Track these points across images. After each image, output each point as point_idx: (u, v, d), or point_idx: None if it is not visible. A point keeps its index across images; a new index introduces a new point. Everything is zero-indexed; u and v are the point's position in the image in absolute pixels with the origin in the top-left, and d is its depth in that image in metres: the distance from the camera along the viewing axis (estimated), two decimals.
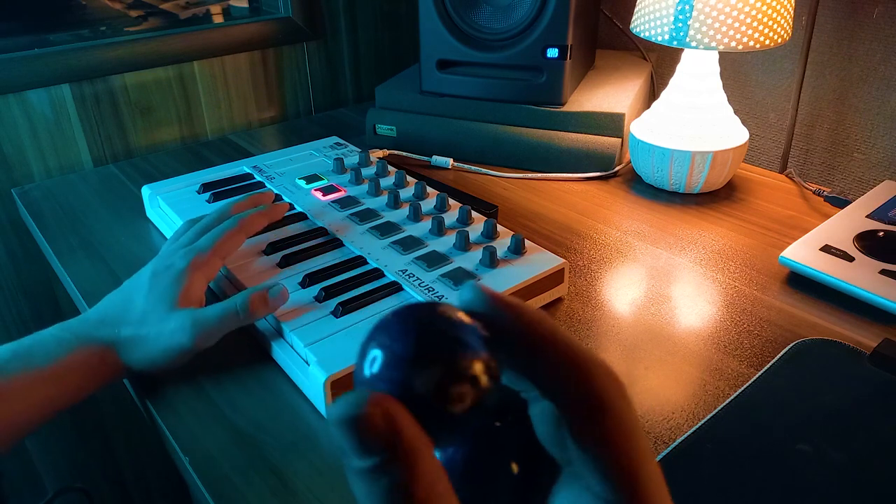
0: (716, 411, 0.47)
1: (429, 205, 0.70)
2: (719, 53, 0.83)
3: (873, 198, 0.73)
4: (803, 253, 0.64)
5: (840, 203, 0.76)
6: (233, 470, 0.45)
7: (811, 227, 0.69)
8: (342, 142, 0.87)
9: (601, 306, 0.61)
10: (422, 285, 0.57)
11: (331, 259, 0.62)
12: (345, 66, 1.14)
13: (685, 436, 0.45)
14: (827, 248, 0.64)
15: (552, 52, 0.83)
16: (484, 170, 0.87)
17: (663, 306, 0.61)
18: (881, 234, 0.66)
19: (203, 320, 0.50)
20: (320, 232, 0.66)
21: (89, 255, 0.71)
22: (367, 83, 1.18)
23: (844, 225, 0.68)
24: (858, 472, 0.42)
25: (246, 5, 1.04)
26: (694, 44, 0.70)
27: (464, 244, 0.62)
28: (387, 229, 0.65)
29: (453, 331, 0.20)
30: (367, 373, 0.19)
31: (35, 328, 0.51)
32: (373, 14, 1.14)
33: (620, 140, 0.84)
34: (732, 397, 0.48)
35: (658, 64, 1.02)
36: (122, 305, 0.52)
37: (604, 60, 1.02)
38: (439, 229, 0.64)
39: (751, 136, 0.93)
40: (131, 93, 0.94)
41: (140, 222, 0.76)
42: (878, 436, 0.45)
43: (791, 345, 0.54)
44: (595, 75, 0.96)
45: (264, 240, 0.64)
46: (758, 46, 0.69)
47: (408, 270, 0.59)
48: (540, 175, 0.86)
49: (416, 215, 0.67)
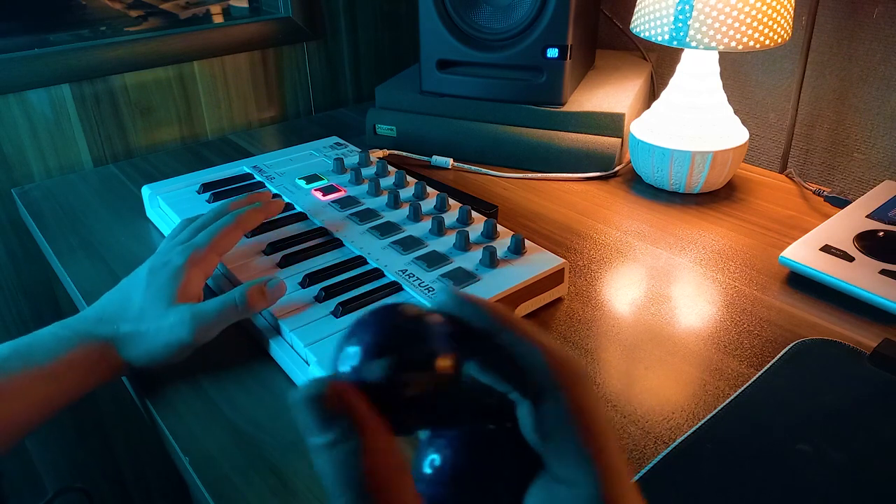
0: (716, 411, 0.47)
1: (429, 205, 0.70)
2: (719, 53, 0.83)
3: (873, 198, 0.73)
4: (803, 253, 0.64)
5: (840, 203, 0.76)
6: (233, 470, 0.45)
7: (811, 227, 0.69)
8: (342, 142, 0.87)
9: (601, 306, 0.61)
10: (422, 285, 0.57)
11: (331, 259, 0.62)
12: (345, 66, 1.14)
13: (685, 436, 0.45)
14: (827, 248, 0.64)
15: (552, 52, 0.83)
16: (484, 170, 0.87)
17: (663, 306, 0.61)
18: (881, 234, 0.66)
19: (202, 314, 0.50)
20: (320, 232, 0.66)
21: (89, 255, 0.71)
22: (367, 83, 1.18)
23: (844, 225, 0.68)
24: (858, 472, 0.42)
25: (246, 5, 1.04)
26: (694, 44, 0.70)
27: (464, 244, 0.62)
28: (387, 229, 0.65)
29: (408, 326, 0.22)
30: (340, 367, 0.22)
31: (35, 328, 0.51)
32: (373, 14, 1.14)
33: (620, 140, 0.84)
34: (732, 397, 0.49)
35: (658, 64, 1.02)
36: (120, 302, 0.52)
37: (604, 60, 1.02)
38: (439, 229, 0.64)
39: (751, 136, 0.93)
40: (131, 93, 0.94)
41: (140, 222, 0.76)
42: (878, 436, 0.45)
43: (791, 345, 0.54)
44: (595, 75, 0.96)
45: (264, 240, 0.64)
46: (758, 46, 0.69)
47: (408, 270, 0.59)
48: (540, 175, 0.86)
49: (416, 215, 0.67)
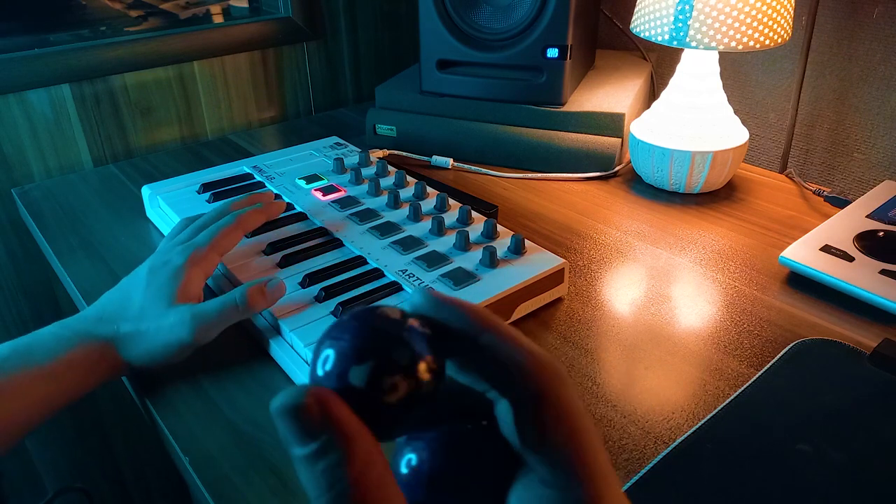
0: (716, 411, 0.47)
1: (429, 205, 0.70)
2: (719, 53, 0.83)
3: (873, 198, 0.73)
4: (803, 253, 0.64)
5: (840, 203, 0.76)
6: (233, 470, 0.45)
7: (811, 227, 0.69)
8: (342, 142, 0.87)
9: (601, 306, 0.61)
10: (422, 285, 0.56)
11: (331, 259, 0.62)
12: (345, 66, 1.14)
13: (685, 436, 0.45)
14: (827, 248, 0.64)
15: (552, 52, 0.83)
16: (484, 170, 0.87)
17: (663, 306, 0.61)
18: (881, 234, 0.66)
19: (203, 314, 0.50)
20: (320, 232, 0.66)
21: (89, 254, 0.71)
22: (367, 83, 1.18)
23: (844, 225, 0.68)
24: (858, 472, 0.42)
25: (246, 5, 1.04)
26: (694, 44, 0.70)
27: (464, 244, 0.62)
28: (387, 229, 0.65)
29: (389, 329, 0.21)
30: (320, 371, 0.21)
31: (35, 328, 0.51)
32: (373, 14, 1.14)
33: (620, 140, 0.84)
34: (732, 397, 0.49)
35: (658, 64, 1.02)
36: (120, 302, 0.52)
37: (604, 60, 1.02)
38: (439, 229, 0.64)
39: (751, 136, 0.93)
40: (131, 93, 0.94)
41: (140, 222, 0.76)
42: (878, 436, 0.45)
43: (791, 345, 0.54)
44: (595, 75, 0.96)
45: (264, 240, 0.64)
46: (758, 46, 0.69)
47: (408, 270, 0.59)
48: (540, 175, 0.86)
49: (416, 215, 0.67)
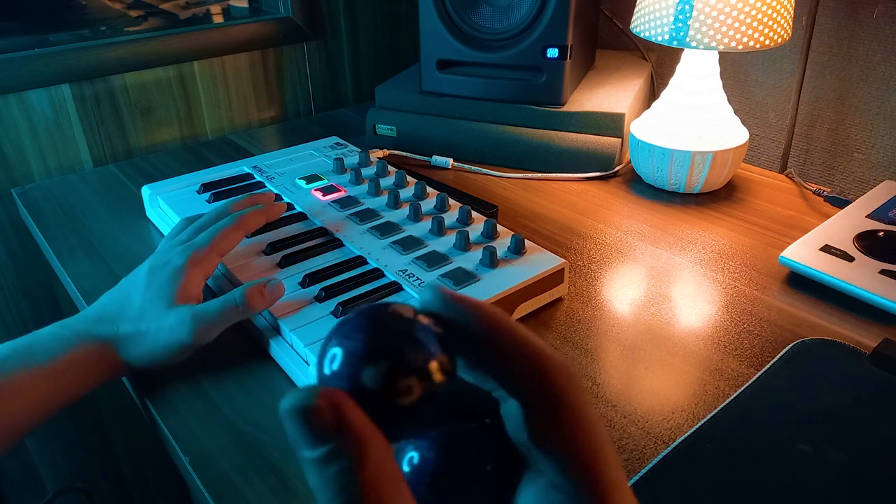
0: (716, 411, 0.47)
1: (429, 205, 0.70)
2: (719, 53, 0.83)
3: (873, 198, 0.73)
4: (803, 253, 0.64)
5: (840, 203, 0.76)
6: (233, 470, 0.45)
7: (811, 227, 0.69)
8: (342, 142, 0.87)
9: (601, 306, 0.61)
10: (422, 285, 0.56)
11: (331, 259, 0.62)
12: (345, 66, 1.14)
13: (685, 436, 0.45)
14: (827, 248, 0.64)
15: (552, 52, 0.83)
16: (484, 170, 0.87)
17: (663, 306, 0.61)
18: (881, 234, 0.66)
19: (203, 314, 0.50)
20: (320, 232, 0.66)
21: (89, 255, 0.71)
22: (367, 83, 1.18)
23: (844, 225, 0.68)
24: (858, 472, 0.42)
25: (246, 5, 1.04)
26: (694, 44, 0.70)
27: (464, 244, 0.62)
28: (387, 229, 0.65)
29: (403, 328, 0.20)
30: (327, 371, 0.20)
31: (35, 328, 0.51)
32: (373, 14, 1.14)
33: (620, 140, 0.84)
34: (732, 397, 0.48)
35: (658, 64, 1.02)
36: (119, 302, 0.52)
37: (604, 60, 1.02)
38: (439, 229, 0.64)
39: (751, 136, 0.93)
40: (131, 93, 0.94)
41: (140, 222, 0.76)
42: (878, 436, 0.45)
43: (791, 345, 0.54)
44: (595, 75, 0.96)
45: (264, 240, 0.64)
46: (758, 46, 0.69)
47: (408, 270, 0.59)
48: (540, 175, 0.86)
49: (416, 215, 0.67)
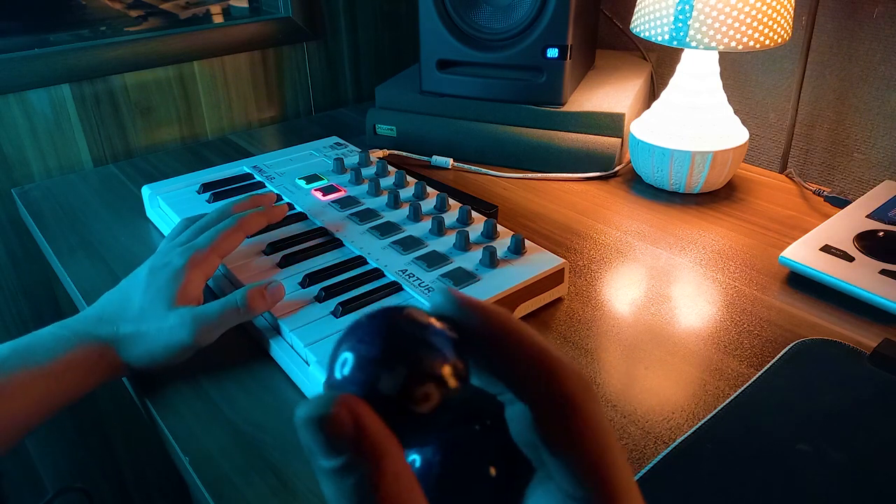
0: (716, 411, 0.47)
1: (429, 205, 0.70)
2: (719, 53, 0.83)
3: (873, 198, 0.73)
4: (803, 253, 0.64)
5: (840, 203, 0.76)
6: (233, 470, 0.45)
7: (811, 227, 0.69)
8: (342, 142, 0.87)
9: (601, 306, 0.61)
10: (422, 285, 0.57)
11: (331, 259, 0.62)
12: (345, 66, 1.14)
13: (685, 436, 0.45)
14: (827, 248, 0.64)
15: (552, 52, 0.83)
16: (484, 170, 0.87)
17: (663, 306, 0.61)
18: (881, 234, 0.66)
19: (204, 316, 0.50)
20: (320, 232, 0.66)
21: (89, 255, 0.71)
22: (367, 83, 1.18)
23: (844, 225, 0.68)
24: (858, 472, 0.42)
25: (246, 5, 1.04)
26: (694, 44, 0.70)
27: (464, 244, 0.62)
28: (387, 229, 0.65)
29: (420, 333, 0.20)
30: (338, 375, 0.20)
31: (35, 328, 0.51)
32: (373, 14, 1.14)
33: (620, 140, 0.84)
34: (732, 397, 0.48)
35: (658, 64, 1.02)
36: (120, 303, 0.52)
37: (604, 60, 1.02)
38: (439, 229, 0.64)
39: (751, 136, 0.93)
40: (131, 93, 0.94)
41: (140, 222, 0.76)
42: (878, 436, 0.45)
43: (791, 345, 0.54)
44: (595, 75, 0.96)
45: (264, 240, 0.64)
46: (758, 46, 0.69)
47: (408, 270, 0.59)
48: (540, 175, 0.86)
49: (416, 215, 0.67)
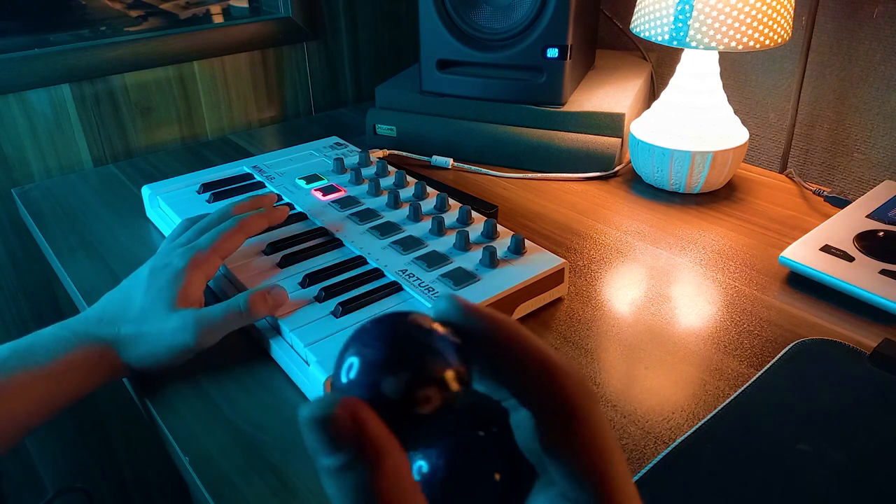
0: (716, 411, 0.47)
1: (429, 205, 0.70)
2: (719, 53, 0.83)
3: (873, 198, 0.73)
4: (803, 253, 0.64)
5: (840, 203, 0.76)
6: (233, 470, 0.45)
7: (811, 227, 0.69)
8: (342, 142, 0.87)
9: (601, 306, 0.61)
10: (422, 285, 0.57)
11: (331, 259, 0.62)
12: (345, 66, 1.14)
13: (685, 436, 0.45)
14: (827, 248, 0.64)
15: (552, 52, 0.83)
16: (484, 170, 0.87)
17: (663, 306, 0.61)
18: (881, 234, 0.66)
19: (206, 319, 0.50)
20: (320, 232, 0.66)
21: (89, 255, 0.71)
22: (367, 83, 1.18)
23: (844, 225, 0.68)
24: (858, 472, 0.42)
25: (246, 5, 1.04)
26: (694, 44, 0.70)
27: (464, 244, 0.62)
28: (387, 229, 0.65)
29: (423, 338, 0.20)
30: (345, 379, 0.20)
31: (35, 328, 0.51)
32: (373, 14, 1.14)
33: (620, 140, 0.84)
34: (732, 397, 0.48)
35: (658, 64, 1.02)
36: (120, 303, 0.52)
37: (604, 60, 1.02)
38: (439, 229, 0.64)
39: (751, 136, 0.93)
40: (131, 93, 0.94)
41: (140, 222, 0.76)
42: (878, 436, 0.45)
43: (791, 345, 0.54)
44: (595, 75, 0.96)
45: (264, 240, 0.64)
46: (758, 46, 0.69)
47: (408, 270, 0.59)
48: (540, 175, 0.86)
49: (416, 215, 0.67)
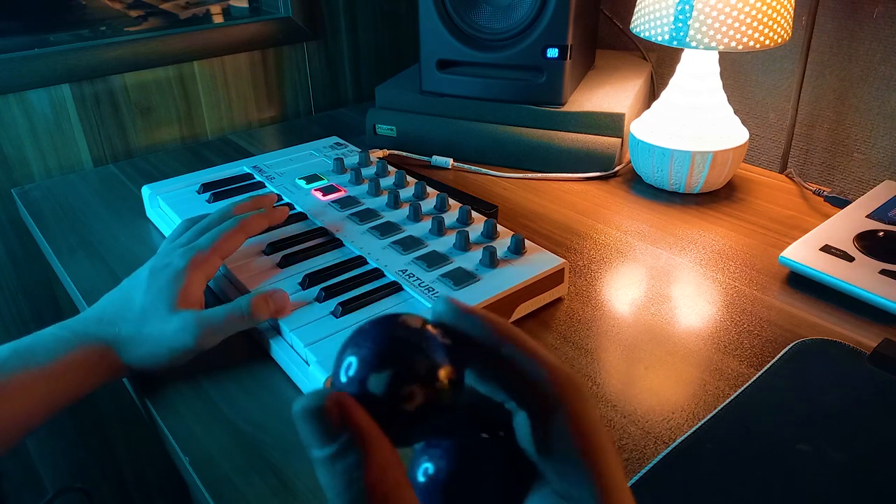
0: (716, 411, 0.47)
1: (429, 205, 0.70)
2: (719, 53, 0.83)
3: (873, 198, 0.73)
4: (803, 253, 0.64)
5: (840, 203, 0.76)
6: (233, 470, 0.45)
7: (811, 227, 0.69)
8: (342, 142, 0.87)
9: (601, 306, 0.61)
10: (422, 285, 0.57)
11: (331, 259, 0.62)
12: (345, 66, 1.14)
13: (685, 436, 0.45)
14: (827, 248, 0.64)
15: (552, 52, 0.83)
16: (484, 170, 0.87)
17: (663, 306, 0.61)
18: (881, 234, 0.66)
19: (208, 321, 0.50)
20: (320, 232, 0.66)
21: (89, 255, 0.71)
22: (367, 83, 1.18)
23: (844, 225, 0.68)
24: (858, 472, 0.42)
25: (246, 5, 1.04)
26: (694, 44, 0.70)
27: (464, 244, 0.62)
28: (387, 229, 0.65)
29: (410, 337, 0.22)
30: (343, 378, 0.22)
31: (35, 328, 0.51)
32: (373, 14, 1.14)
33: (620, 140, 0.84)
34: (732, 397, 0.49)
35: (658, 64, 1.02)
36: (120, 304, 0.52)
37: (604, 60, 1.02)
38: (439, 229, 0.64)
39: (751, 136, 0.93)
40: (131, 93, 0.94)
41: (140, 222, 0.76)
42: (878, 436, 0.45)
43: (791, 345, 0.54)
44: (595, 75, 0.96)
45: (264, 240, 0.64)
46: (758, 46, 0.69)
47: (408, 270, 0.59)
48: (540, 175, 0.86)
49: (416, 215, 0.67)
